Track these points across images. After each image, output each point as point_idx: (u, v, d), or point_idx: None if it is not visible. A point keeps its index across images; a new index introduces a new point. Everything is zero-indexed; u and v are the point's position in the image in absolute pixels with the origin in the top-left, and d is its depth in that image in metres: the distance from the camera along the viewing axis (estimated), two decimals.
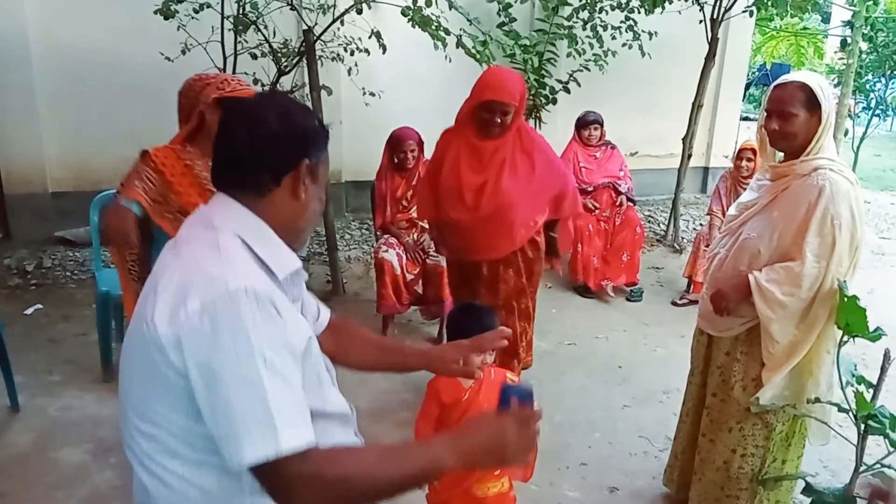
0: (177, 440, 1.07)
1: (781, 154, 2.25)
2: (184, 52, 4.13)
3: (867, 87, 10.44)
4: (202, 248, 1.09)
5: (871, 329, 2.04)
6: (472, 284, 3.09)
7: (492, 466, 1.18)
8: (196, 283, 1.03)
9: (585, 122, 5.28)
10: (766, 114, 2.18)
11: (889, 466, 2.00)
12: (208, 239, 1.10)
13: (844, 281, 2.08)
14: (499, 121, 2.69)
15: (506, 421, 1.13)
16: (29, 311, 4.27)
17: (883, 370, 2.04)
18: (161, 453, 1.09)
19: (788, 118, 2.10)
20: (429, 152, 3.40)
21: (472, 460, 1.12)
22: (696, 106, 5.94)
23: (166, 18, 3.92)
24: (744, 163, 4.74)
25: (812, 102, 2.08)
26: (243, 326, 0.99)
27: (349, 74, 4.70)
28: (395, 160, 4.10)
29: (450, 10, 4.01)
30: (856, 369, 2.11)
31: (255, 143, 1.14)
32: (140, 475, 1.13)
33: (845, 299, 2.02)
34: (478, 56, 4.18)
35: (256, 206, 1.16)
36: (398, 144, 4.07)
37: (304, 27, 4.35)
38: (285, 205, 1.17)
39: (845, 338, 2.08)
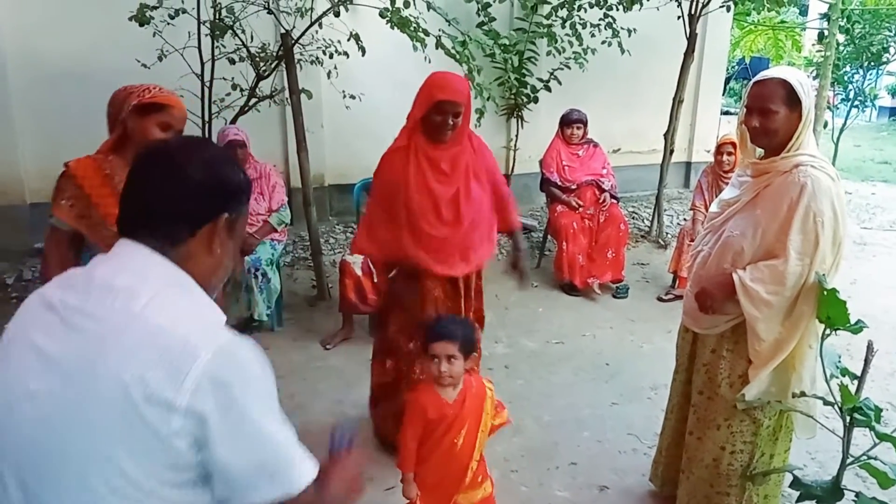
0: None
1: (761, 150, 2.24)
2: (160, 59, 4.08)
3: (845, 78, 10.56)
4: (160, 309, 1.02)
5: (853, 321, 2.04)
6: (444, 303, 2.85)
7: None
8: (188, 340, 0.98)
9: (569, 121, 5.30)
10: (746, 110, 2.17)
11: (876, 458, 2.00)
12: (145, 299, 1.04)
13: (824, 275, 2.07)
14: (451, 122, 2.63)
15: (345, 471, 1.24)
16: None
17: (866, 362, 2.04)
18: None
19: (769, 115, 2.09)
20: None
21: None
22: (677, 101, 5.96)
23: (141, 25, 3.88)
24: (724, 157, 4.74)
25: (792, 99, 2.08)
26: (252, 369, 1.04)
27: (329, 78, 4.67)
28: None
29: (428, 10, 3.99)
30: (840, 361, 2.11)
31: (176, 191, 1.08)
32: None
33: (825, 293, 2.02)
34: (457, 56, 4.16)
35: (168, 255, 1.08)
36: None
37: (282, 31, 4.32)
38: (199, 257, 1.11)
39: (827, 331, 2.08)
